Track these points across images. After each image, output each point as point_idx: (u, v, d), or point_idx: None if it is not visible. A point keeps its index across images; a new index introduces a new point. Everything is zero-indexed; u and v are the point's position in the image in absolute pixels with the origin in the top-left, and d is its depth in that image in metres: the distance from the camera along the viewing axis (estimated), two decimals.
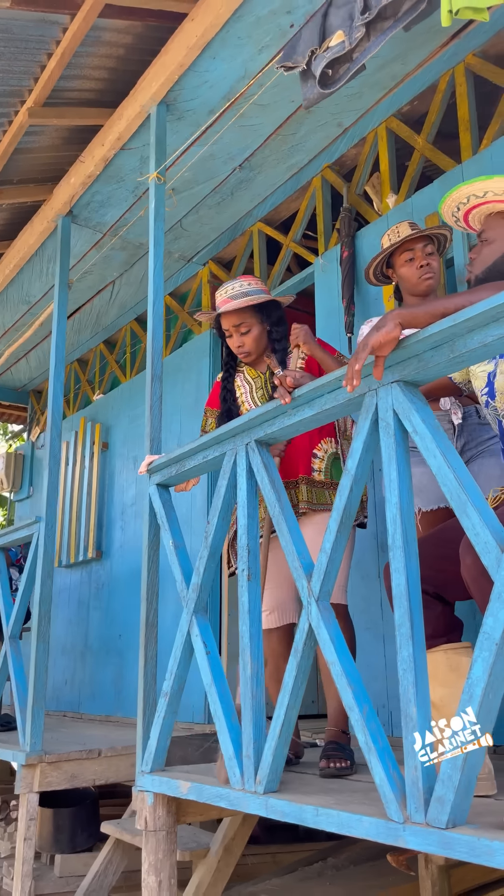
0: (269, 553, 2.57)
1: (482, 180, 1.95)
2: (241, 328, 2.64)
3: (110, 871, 3.16)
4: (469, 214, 2.06)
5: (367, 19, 2.06)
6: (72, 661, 5.33)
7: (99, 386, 5.81)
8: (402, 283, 2.61)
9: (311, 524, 2.46)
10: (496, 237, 1.99)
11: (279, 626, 2.62)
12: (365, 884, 2.83)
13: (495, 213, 2.00)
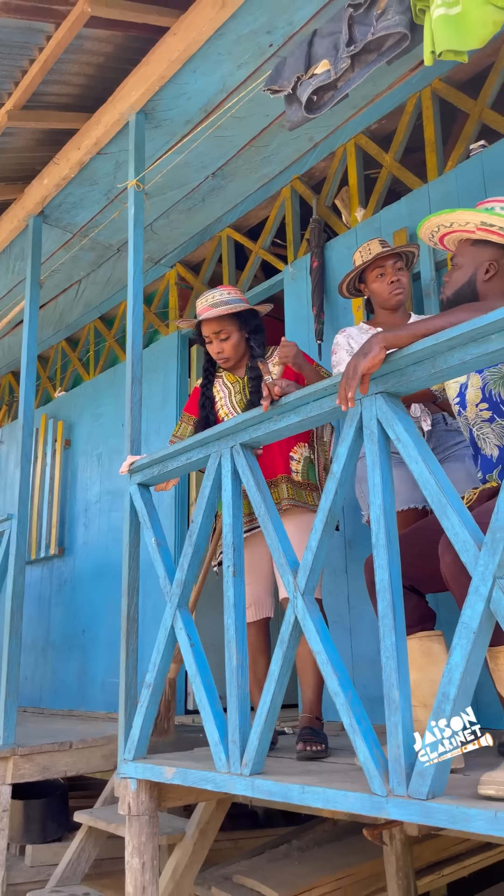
0: (245, 551, 2.70)
1: (448, 213, 2.12)
2: (221, 335, 2.77)
3: (83, 858, 3.25)
4: (444, 238, 2.23)
5: (353, 52, 2.21)
6: (33, 657, 5.36)
7: (60, 383, 5.84)
8: (374, 297, 2.77)
9: (290, 522, 2.60)
10: (464, 263, 2.16)
11: (256, 621, 2.75)
12: (331, 862, 2.99)
13: (464, 240, 2.17)
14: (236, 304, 2.75)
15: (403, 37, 2.12)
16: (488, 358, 1.72)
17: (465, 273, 2.16)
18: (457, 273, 2.18)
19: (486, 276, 2.13)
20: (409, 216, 3.27)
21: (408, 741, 1.70)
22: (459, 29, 1.97)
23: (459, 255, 2.19)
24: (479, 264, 2.14)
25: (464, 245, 2.19)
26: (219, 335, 2.77)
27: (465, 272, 2.16)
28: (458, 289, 2.16)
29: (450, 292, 2.18)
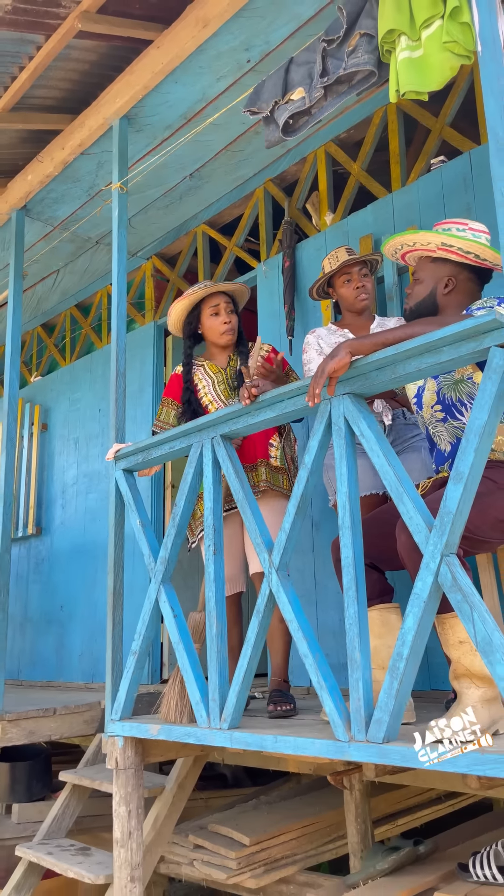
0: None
1: (412, 234, 2.38)
2: (229, 307, 3.01)
3: (67, 814, 3.51)
4: (406, 255, 2.50)
5: (326, 83, 2.44)
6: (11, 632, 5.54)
7: (36, 368, 6.00)
8: (341, 301, 3.04)
9: (266, 506, 2.86)
10: (425, 277, 2.43)
11: (230, 595, 3.02)
12: (296, 812, 3.30)
13: (424, 257, 2.44)
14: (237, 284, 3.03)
15: (371, 73, 2.36)
16: (440, 367, 2.00)
17: (426, 287, 2.42)
18: (418, 287, 2.44)
19: (446, 290, 2.39)
20: (374, 223, 3.53)
21: (367, 695, 1.99)
22: (421, 72, 2.22)
23: (420, 271, 2.46)
24: (438, 279, 2.40)
25: (424, 262, 2.46)
26: (228, 306, 3.00)
27: (427, 286, 2.42)
28: (420, 301, 2.43)
29: (412, 304, 2.44)
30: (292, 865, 3.04)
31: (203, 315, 3.05)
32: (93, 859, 3.09)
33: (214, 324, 3.03)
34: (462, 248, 2.34)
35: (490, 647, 1.76)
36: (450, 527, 1.88)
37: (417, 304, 2.43)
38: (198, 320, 3.08)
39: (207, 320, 3.04)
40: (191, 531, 3.09)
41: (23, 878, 3.37)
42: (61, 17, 3.00)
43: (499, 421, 1.92)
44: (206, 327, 3.07)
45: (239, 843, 3.00)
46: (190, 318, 3.09)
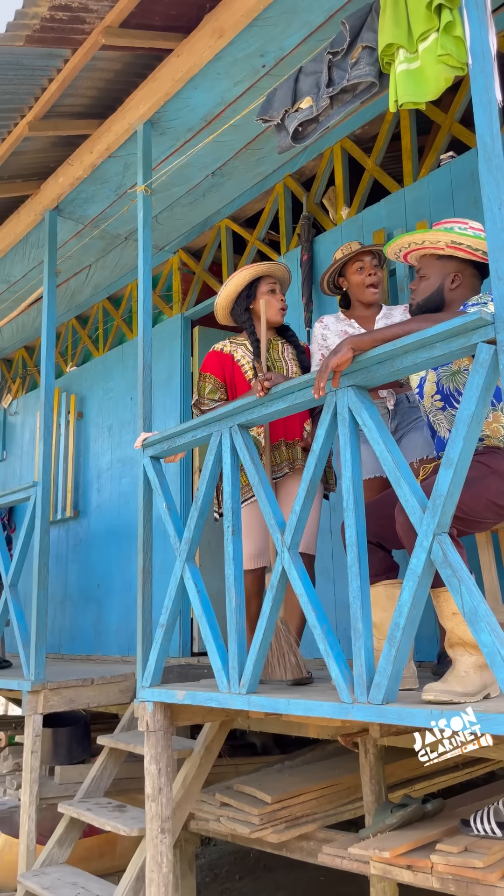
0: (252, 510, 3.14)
1: (422, 233, 2.53)
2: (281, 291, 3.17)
3: (105, 775, 3.79)
4: (408, 255, 2.65)
5: (332, 93, 2.60)
6: (52, 609, 5.88)
7: (72, 358, 6.27)
8: (352, 290, 3.19)
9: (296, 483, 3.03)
10: (430, 274, 2.58)
11: (255, 568, 3.20)
12: (317, 775, 3.52)
13: (429, 254, 2.59)
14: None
15: (373, 84, 2.51)
16: (434, 360, 2.17)
17: (433, 283, 2.57)
18: (425, 283, 2.59)
19: (453, 286, 2.55)
20: (387, 217, 3.68)
21: (369, 662, 2.19)
22: (418, 83, 2.37)
23: (426, 268, 2.60)
24: (445, 275, 2.55)
25: (429, 259, 2.60)
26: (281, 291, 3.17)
27: (434, 282, 2.57)
28: (427, 296, 2.58)
29: (419, 299, 2.59)
30: (312, 823, 3.27)
31: (260, 290, 3.13)
32: (127, 815, 3.37)
33: (273, 301, 3.12)
34: (471, 245, 2.49)
35: (476, 616, 1.95)
36: (441, 508, 2.05)
37: (425, 299, 2.57)
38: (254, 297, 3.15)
39: (266, 296, 3.12)
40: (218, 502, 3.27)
41: (65, 832, 3.67)
42: (86, 33, 3.19)
43: (486, 411, 2.09)
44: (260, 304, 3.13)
45: (262, 801, 3.23)
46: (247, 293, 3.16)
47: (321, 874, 5.20)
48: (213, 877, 5.54)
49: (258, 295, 3.15)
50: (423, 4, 2.33)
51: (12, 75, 3.36)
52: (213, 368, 3.21)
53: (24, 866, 3.59)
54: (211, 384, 3.19)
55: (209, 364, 3.24)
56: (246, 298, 3.17)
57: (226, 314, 3.28)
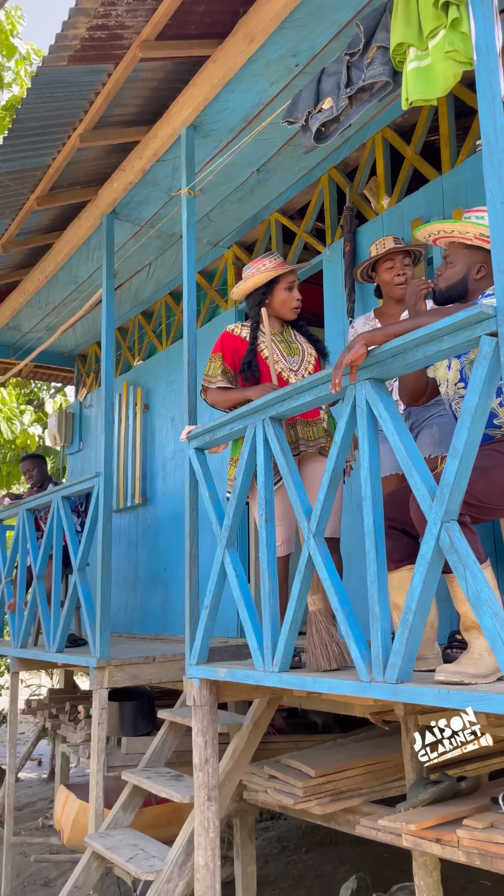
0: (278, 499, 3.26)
1: (451, 222, 2.58)
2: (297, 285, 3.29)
3: (166, 747, 4.04)
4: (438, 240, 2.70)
5: (350, 93, 2.67)
6: (124, 591, 6.22)
7: (138, 352, 6.54)
8: (383, 286, 3.28)
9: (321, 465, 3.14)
10: (457, 262, 2.62)
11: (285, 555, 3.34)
12: (364, 752, 3.64)
13: (458, 242, 2.63)
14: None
15: (388, 83, 2.57)
16: (443, 353, 2.25)
17: (459, 271, 2.62)
18: (451, 270, 2.64)
19: (478, 276, 2.59)
20: (425, 205, 3.70)
21: (385, 643, 2.30)
22: (427, 80, 2.41)
23: (453, 255, 2.65)
24: (471, 265, 2.60)
25: (457, 247, 2.65)
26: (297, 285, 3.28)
27: (459, 271, 2.62)
28: (452, 283, 2.63)
29: (443, 285, 2.66)
30: (357, 797, 3.39)
31: (278, 287, 3.27)
32: (183, 783, 3.59)
33: (289, 298, 3.26)
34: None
35: (479, 601, 2.03)
36: (448, 496, 2.13)
37: (448, 286, 2.63)
38: (272, 292, 3.28)
39: (282, 293, 3.26)
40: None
41: (128, 798, 3.94)
42: (125, 48, 3.37)
43: (490, 402, 2.15)
44: (277, 300, 3.28)
45: (307, 775, 3.38)
46: (264, 289, 3.29)
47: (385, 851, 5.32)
48: (280, 849, 5.76)
49: (275, 291, 3.26)
50: (432, 2, 2.37)
51: (60, 93, 3.58)
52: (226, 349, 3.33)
53: (92, 828, 3.89)
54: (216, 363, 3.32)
55: (222, 344, 3.36)
56: (262, 294, 3.28)
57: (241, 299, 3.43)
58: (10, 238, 4.88)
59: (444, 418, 3.08)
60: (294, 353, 3.25)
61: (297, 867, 5.35)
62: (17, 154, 3.95)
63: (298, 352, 3.26)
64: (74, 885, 3.69)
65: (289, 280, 3.27)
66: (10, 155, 3.93)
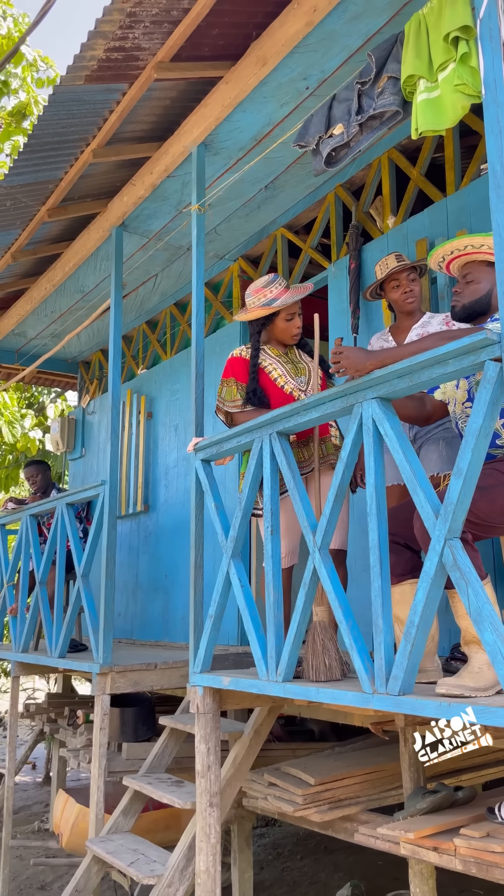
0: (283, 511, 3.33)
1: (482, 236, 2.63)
2: (300, 311, 3.33)
3: (166, 753, 4.10)
4: (450, 264, 2.78)
5: (361, 120, 2.76)
6: (125, 597, 6.28)
7: (142, 361, 6.62)
8: (392, 303, 3.36)
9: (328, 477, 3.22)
10: (479, 278, 2.68)
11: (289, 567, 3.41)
12: (362, 761, 3.71)
13: (476, 261, 2.69)
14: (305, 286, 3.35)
15: (397, 112, 2.66)
16: (448, 376, 2.32)
17: (483, 287, 2.67)
18: (474, 286, 2.69)
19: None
20: (430, 226, 3.79)
21: (388, 656, 2.36)
22: (437, 111, 2.50)
23: (475, 273, 2.69)
24: (494, 282, 2.67)
25: (479, 265, 2.70)
26: (300, 311, 3.32)
27: (484, 287, 2.67)
28: (476, 299, 2.68)
29: (466, 301, 2.69)
30: (355, 805, 3.45)
31: (279, 318, 3.32)
32: (184, 789, 3.65)
33: (289, 327, 3.32)
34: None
35: (480, 616, 2.10)
36: (452, 515, 2.21)
37: (473, 301, 2.67)
38: (272, 321, 3.35)
39: (282, 323, 3.32)
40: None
41: (129, 803, 4.00)
42: (140, 68, 3.45)
43: (494, 424, 2.23)
44: (279, 328, 3.35)
45: (306, 783, 3.45)
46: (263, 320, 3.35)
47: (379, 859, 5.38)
48: (275, 855, 5.81)
49: (276, 321, 3.32)
50: (442, 36, 2.46)
51: (76, 110, 3.66)
52: (237, 373, 3.36)
53: (92, 833, 3.95)
54: (230, 388, 3.34)
55: (233, 369, 3.38)
56: (261, 325, 3.34)
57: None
58: (20, 248, 4.95)
59: (448, 433, 3.16)
60: (300, 372, 3.32)
61: (292, 874, 5.40)
62: (30, 168, 4.03)
63: (304, 371, 3.33)
64: (75, 888, 3.74)
65: (289, 311, 3.30)
66: (23, 169, 4.00)
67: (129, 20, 3.06)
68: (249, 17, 3.31)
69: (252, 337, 3.42)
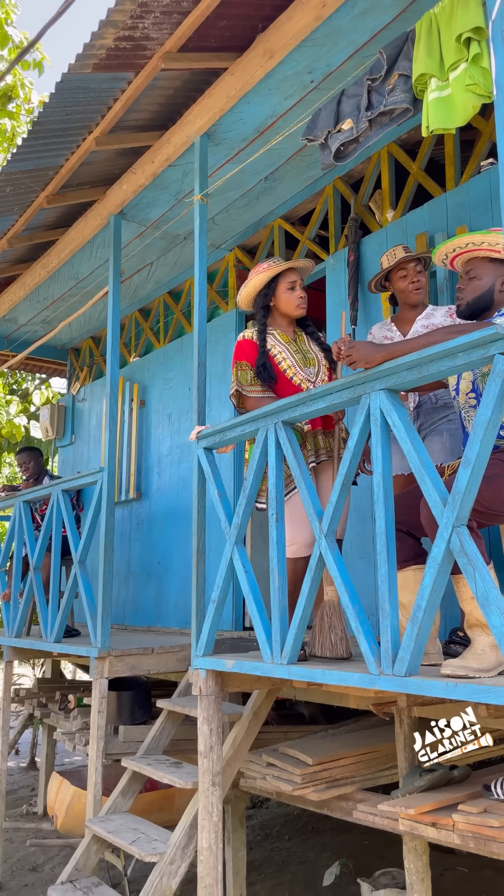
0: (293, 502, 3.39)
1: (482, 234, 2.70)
2: (302, 283, 3.34)
3: (164, 735, 4.17)
4: (454, 260, 2.84)
5: (370, 117, 2.81)
6: (117, 583, 6.32)
7: (135, 349, 6.63)
8: (398, 294, 3.43)
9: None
10: (482, 275, 2.74)
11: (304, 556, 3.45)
12: (357, 742, 3.81)
13: (478, 257, 2.76)
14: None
15: (407, 109, 2.72)
16: (457, 369, 2.40)
17: (485, 283, 2.74)
18: (476, 283, 2.75)
19: (503, 288, 2.74)
20: (429, 220, 3.86)
21: (394, 638, 2.44)
22: (448, 110, 2.56)
23: (477, 269, 2.76)
24: (497, 277, 2.74)
25: (481, 261, 2.76)
26: (302, 283, 3.33)
27: (486, 283, 2.74)
28: (479, 295, 2.74)
29: (470, 298, 2.75)
30: (350, 785, 3.56)
31: (279, 289, 3.32)
32: (183, 770, 3.73)
33: (291, 297, 3.31)
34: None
35: (487, 601, 2.18)
36: (460, 503, 2.28)
37: (476, 297, 2.73)
38: (273, 293, 3.34)
39: (284, 293, 3.31)
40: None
41: (127, 784, 4.07)
42: (147, 58, 3.47)
43: (502, 416, 2.31)
44: (281, 300, 3.33)
45: (304, 763, 3.54)
46: (265, 291, 3.35)
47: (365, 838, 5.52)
48: (264, 836, 5.92)
49: (277, 292, 3.32)
50: (454, 37, 2.52)
51: (81, 97, 3.66)
52: (249, 356, 3.35)
53: (91, 813, 4.01)
54: (251, 372, 3.33)
55: (244, 352, 3.37)
56: (264, 296, 3.33)
57: (248, 305, 3.47)
58: (16, 234, 4.95)
59: (452, 424, 3.24)
60: (310, 363, 3.33)
61: (281, 854, 5.52)
62: (32, 154, 4.03)
63: (314, 362, 3.34)
64: (75, 867, 3.81)
65: (289, 280, 3.31)
66: (26, 155, 4.00)
67: (140, 10, 3.07)
68: (257, 9, 3.34)
69: (257, 312, 3.39)
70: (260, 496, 3.44)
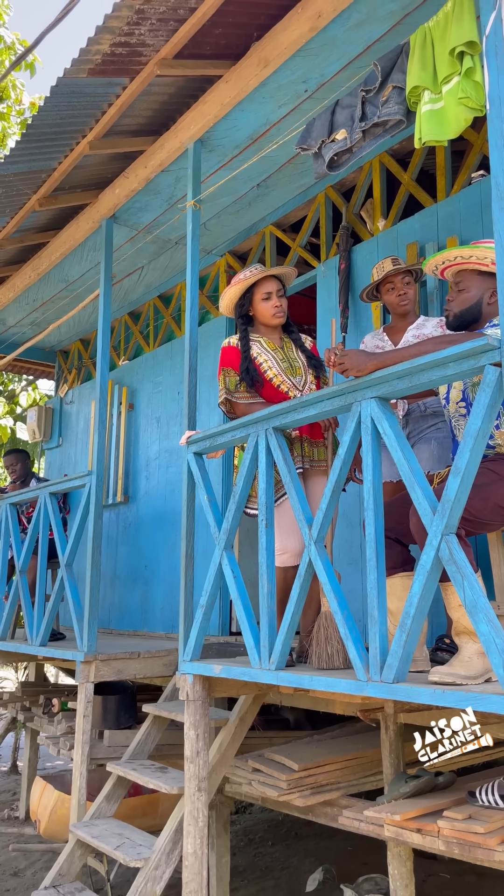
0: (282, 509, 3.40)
1: (471, 248, 2.74)
2: (280, 292, 3.32)
3: (149, 740, 4.17)
4: (445, 271, 2.88)
5: (364, 127, 2.84)
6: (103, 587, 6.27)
7: (124, 352, 6.63)
8: (387, 305, 3.47)
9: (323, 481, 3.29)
10: (470, 287, 2.78)
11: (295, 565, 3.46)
12: (342, 748, 3.82)
13: (470, 269, 2.80)
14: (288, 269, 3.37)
15: (401, 121, 2.75)
16: (447, 378, 2.42)
17: (473, 296, 2.78)
18: (465, 295, 2.79)
19: (491, 300, 2.77)
20: (420, 231, 3.89)
21: (383, 645, 2.46)
22: (440, 122, 2.59)
23: (466, 282, 2.79)
24: (485, 290, 2.77)
25: (470, 274, 2.80)
26: (279, 292, 3.31)
27: (474, 295, 2.77)
28: (467, 307, 2.78)
29: (457, 310, 2.79)
30: (336, 791, 3.57)
31: (255, 299, 3.32)
32: (169, 775, 3.72)
33: (267, 307, 3.30)
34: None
35: (475, 608, 2.21)
36: (449, 511, 2.31)
37: (463, 310, 2.77)
38: (250, 303, 3.35)
39: (260, 304, 3.31)
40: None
41: (112, 789, 4.05)
42: (143, 64, 3.48)
43: (491, 426, 2.34)
44: (258, 310, 3.34)
45: (290, 768, 3.55)
46: (242, 301, 3.36)
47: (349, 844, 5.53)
48: (247, 841, 5.91)
49: (253, 303, 3.33)
50: (447, 50, 2.55)
51: (76, 101, 3.67)
52: (233, 363, 3.33)
53: (75, 818, 3.99)
54: (237, 378, 3.32)
55: (228, 358, 3.35)
56: (241, 307, 3.35)
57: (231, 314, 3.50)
58: (7, 236, 4.94)
59: (441, 433, 3.28)
60: (297, 372, 3.34)
61: (264, 859, 5.52)
62: (26, 157, 4.03)
63: (301, 371, 3.36)
64: (58, 872, 3.79)
65: (264, 290, 3.29)
66: (19, 157, 4.00)
67: (136, 17, 3.09)
68: (252, 18, 3.36)
69: (236, 321, 3.41)
70: (250, 501, 3.45)
